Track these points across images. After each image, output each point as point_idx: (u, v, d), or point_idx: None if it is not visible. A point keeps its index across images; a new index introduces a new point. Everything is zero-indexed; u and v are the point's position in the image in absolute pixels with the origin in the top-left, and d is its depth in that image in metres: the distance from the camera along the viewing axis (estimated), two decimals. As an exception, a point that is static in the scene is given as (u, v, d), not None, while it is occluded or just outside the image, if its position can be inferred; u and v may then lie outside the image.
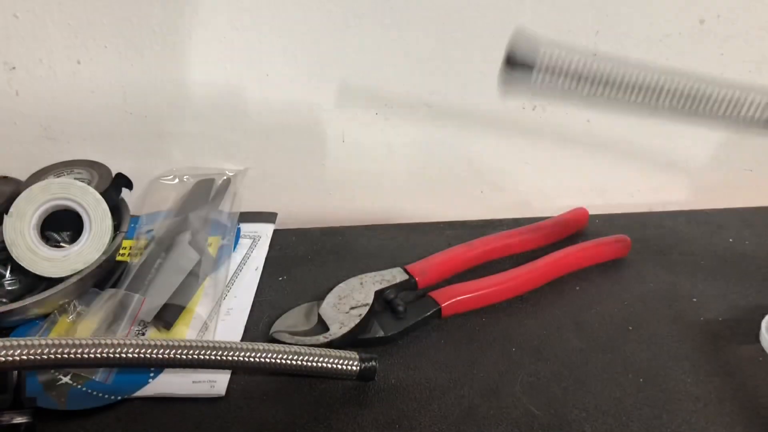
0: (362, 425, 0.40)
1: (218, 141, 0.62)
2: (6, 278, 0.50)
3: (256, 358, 0.39)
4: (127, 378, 0.43)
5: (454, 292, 0.48)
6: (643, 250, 0.55)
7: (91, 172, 0.55)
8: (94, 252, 0.49)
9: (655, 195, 0.66)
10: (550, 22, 0.57)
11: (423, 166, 0.64)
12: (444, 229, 0.59)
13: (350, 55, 0.58)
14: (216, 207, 0.57)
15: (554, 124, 0.62)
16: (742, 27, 0.57)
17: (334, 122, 0.61)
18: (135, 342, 0.37)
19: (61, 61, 0.57)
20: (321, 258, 0.56)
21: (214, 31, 0.56)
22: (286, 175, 0.64)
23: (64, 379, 0.43)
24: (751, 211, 0.61)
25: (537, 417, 0.40)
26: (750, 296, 0.50)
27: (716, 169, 0.65)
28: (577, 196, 0.66)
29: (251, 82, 0.59)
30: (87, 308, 0.48)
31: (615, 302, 0.49)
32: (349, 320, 0.45)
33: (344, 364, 0.41)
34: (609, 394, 0.41)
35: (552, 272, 0.51)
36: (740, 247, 0.56)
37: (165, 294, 0.48)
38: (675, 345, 0.45)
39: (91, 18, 0.56)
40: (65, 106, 0.59)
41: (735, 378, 0.42)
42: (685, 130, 0.63)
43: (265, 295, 0.51)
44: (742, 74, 0.60)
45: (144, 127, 0.61)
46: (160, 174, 0.61)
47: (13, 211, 0.48)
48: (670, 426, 0.39)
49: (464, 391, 0.42)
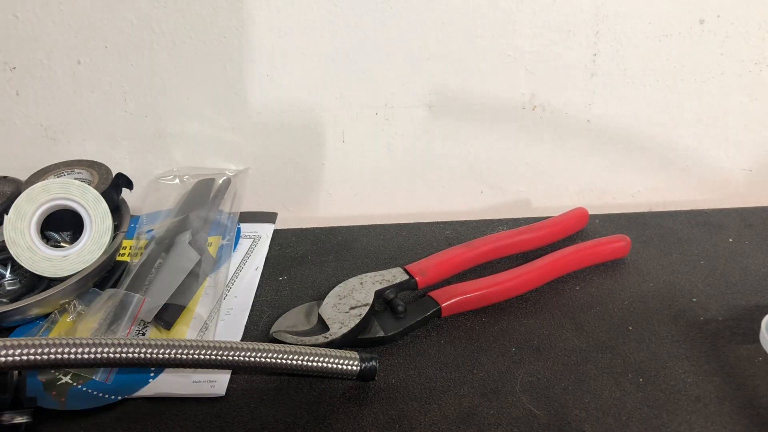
0: (362, 425, 0.40)
1: (218, 141, 0.62)
2: (6, 278, 0.50)
3: (256, 358, 0.39)
4: (127, 378, 0.43)
5: (454, 292, 0.48)
6: (643, 250, 0.55)
7: (91, 172, 0.55)
8: (94, 252, 0.49)
9: (655, 195, 0.66)
10: (550, 22, 0.57)
11: (423, 166, 0.64)
12: (444, 229, 0.59)
13: (350, 55, 0.58)
14: (216, 207, 0.57)
15: (554, 124, 0.62)
16: (742, 27, 0.57)
17: (334, 122, 0.61)
18: (135, 342, 0.37)
19: (61, 61, 0.57)
20: (321, 258, 0.56)
21: (214, 31, 0.56)
22: (286, 175, 0.64)
23: (64, 379, 0.43)
24: (751, 211, 0.61)
25: (537, 417, 0.40)
26: (750, 296, 0.50)
27: (716, 169, 0.65)
28: (577, 196, 0.66)
29: (251, 82, 0.59)
30: (87, 308, 0.48)
31: (615, 302, 0.49)
32: (349, 320, 0.45)
33: (344, 364, 0.41)
34: (609, 393, 0.41)
35: (552, 272, 0.51)
36: (740, 247, 0.56)
37: (165, 294, 0.48)
38: (675, 345, 0.45)
39: (91, 18, 0.56)
40: (65, 106, 0.60)
41: (735, 378, 0.42)
42: (685, 129, 0.63)
43: (265, 295, 0.51)
44: (742, 74, 0.60)
45: (144, 127, 0.61)
46: (160, 174, 0.61)
47: (13, 211, 0.48)
48: (670, 426, 0.39)
49: (464, 391, 0.42)
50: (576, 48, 0.58)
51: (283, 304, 0.50)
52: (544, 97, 0.60)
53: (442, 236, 0.58)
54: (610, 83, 0.60)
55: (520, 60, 0.58)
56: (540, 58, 0.58)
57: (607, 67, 0.59)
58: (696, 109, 0.62)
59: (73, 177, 0.54)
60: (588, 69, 0.59)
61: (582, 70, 0.59)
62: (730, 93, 0.61)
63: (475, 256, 0.53)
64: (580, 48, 0.58)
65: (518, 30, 0.57)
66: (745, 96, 0.61)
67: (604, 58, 0.59)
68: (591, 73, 0.59)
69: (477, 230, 0.59)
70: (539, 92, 0.60)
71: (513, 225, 0.58)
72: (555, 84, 0.60)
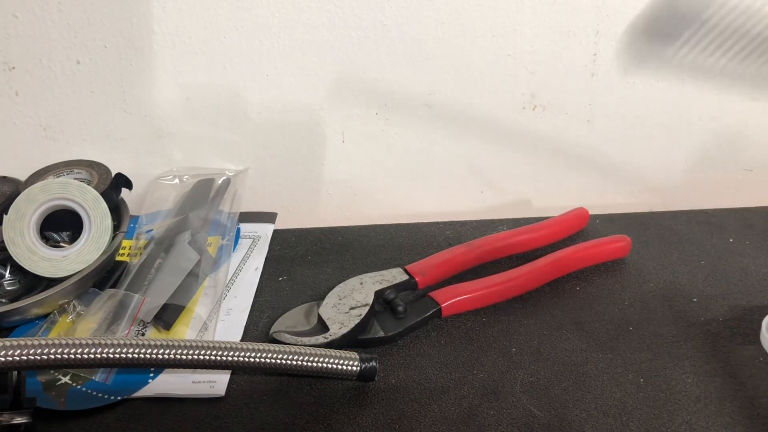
0: (362, 425, 0.40)
1: (218, 141, 0.62)
2: (6, 278, 0.50)
3: (256, 358, 0.39)
4: (127, 378, 0.43)
5: (454, 292, 0.48)
6: (643, 250, 0.55)
7: (90, 172, 0.55)
8: (93, 252, 0.49)
9: (655, 195, 0.66)
10: (550, 22, 0.57)
11: (423, 166, 0.64)
12: (444, 229, 0.59)
13: (350, 55, 0.58)
14: (216, 207, 0.57)
15: (554, 124, 0.62)
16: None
17: (334, 122, 0.61)
18: (135, 342, 0.37)
19: (61, 61, 0.57)
20: (321, 258, 0.56)
21: (214, 31, 0.56)
22: (286, 175, 0.64)
23: (64, 379, 0.43)
24: (751, 211, 0.61)
25: (537, 417, 0.40)
26: (750, 296, 0.50)
27: (716, 169, 0.65)
28: (577, 196, 0.66)
29: (251, 82, 0.59)
30: (87, 308, 0.48)
31: (615, 302, 0.49)
32: (349, 320, 0.45)
33: (344, 364, 0.41)
34: (609, 394, 0.41)
35: (552, 272, 0.51)
36: (740, 247, 0.56)
37: (165, 294, 0.48)
38: (675, 345, 0.45)
39: (91, 18, 0.56)
40: (65, 106, 0.59)
41: (735, 378, 0.42)
42: (685, 129, 0.63)
43: (265, 295, 0.51)
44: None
45: (144, 127, 0.61)
46: (160, 174, 0.61)
47: (12, 211, 0.48)
48: (670, 426, 0.39)
49: (464, 391, 0.42)
50: (576, 48, 0.58)
51: (282, 305, 0.50)
52: (544, 97, 0.60)
53: (442, 236, 0.58)
54: (610, 83, 0.60)
55: (520, 60, 0.58)
56: (540, 58, 0.58)
57: (607, 67, 0.59)
58: (696, 109, 0.61)
59: (73, 177, 0.54)
60: (588, 69, 0.59)
61: (582, 70, 0.59)
62: (730, 93, 0.61)
63: (475, 256, 0.53)
64: (580, 48, 0.58)
65: (518, 30, 0.57)
66: (745, 95, 0.61)
67: (604, 58, 0.59)
68: (591, 73, 0.59)
69: (477, 230, 0.59)
70: (539, 92, 0.60)
71: (513, 225, 0.58)
72: (555, 84, 0.60)
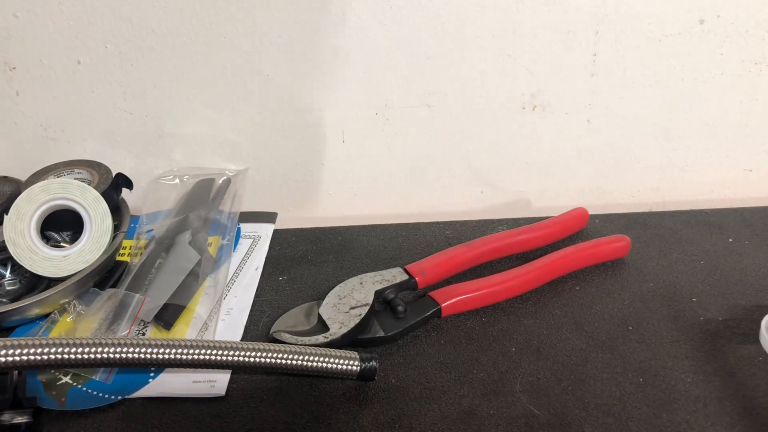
0: (362, 425, 0.40)
1: (218, 141, 0.62)
2: (6, 278, 0.50)
3: (256, 358, 0.39)
4: (127, 378, 0.43)
5: (454, 292, 0.48)
6: (643, 250, 0.55)
7: (91, 172, 0.55)
8: (94, 252, 0.49)
9: (655, 195, 0.66)
10: (550, 22, 0.57)
11: (423, 166, 0.64)
12: (444, 229, 0.59)
13: (350, 55, 0.58)
14: (216, 207, 0.57)
15: (554, 124, 0.62)
16: (742, 27, 0.57)
17: (334, 122, 0.61)
18: (135, 342, 0.37)
19: (61, 61, 0.57)
20: (321, 258, 0.56)
21: (214, 31, 0.56)
22: (286, 175, 0.64)
23: (64, 379, 0.43)
24: (751, 211, 0.61)
25: (537, 417, 0.40)
26: (750, 296, 0.50)
27: (716, 169, 0.65)
28: (577, 196, 0.66)
29: (251, 82, 0.59)
30: (87, 308, 0.48)
31: (615, 302, 0.49)
32: (349, 320, 0.45)
33: (344, 364, 0.41)
34: (609, 393, 0.41)
35: (552, 272, 0.51)
36: (740, 247, 0.56)
37: (165, 294, 0.48)
38: (675, 345, 0.45)
39: (91, 18, 0.56)
40: (65, 106, 0.60)
41: (735, 378, 0.42)
42: (685, 129, 0.63)
43: (265, 295, 0.51)
44: (742, 74, 0.60)
45: (144, 127, 0.61)
46: (160, 174, 0.61)
47: (12, 211, 0.48)
48: (670, 426, 0.39)
49: (464, 390, 0.42)
50: (576, 48, 0.58)
51: (283, 304, 0.50)
52: (544, 97, 0.60)
53: (442, 236, 0.58)
54: (610, 83, 0.60)
55: (520, 60, 0.58)
56: (540, 58, 0.58)
57: (607, 67, 0.59)
58: (696, 109, 0.61)
59: (73, 177, 0.54)
60: (588, 69, 0.59)
61: (582, 70, 0.59)
62: (730, 93, 0.61)
63: (474, 256, 0.53)
64: (580, 48, 0.58)
65: (518, 30, 0.57)
66: (745, 96, 0.61)
67: (604, 58, 0.59)
68: (591, 73, 0.59)
69: (477, 230, 0.59)
70: (539, 92, 0.60)
71: (513, 225, 0.58)
72: (555, 84, 0.60)
